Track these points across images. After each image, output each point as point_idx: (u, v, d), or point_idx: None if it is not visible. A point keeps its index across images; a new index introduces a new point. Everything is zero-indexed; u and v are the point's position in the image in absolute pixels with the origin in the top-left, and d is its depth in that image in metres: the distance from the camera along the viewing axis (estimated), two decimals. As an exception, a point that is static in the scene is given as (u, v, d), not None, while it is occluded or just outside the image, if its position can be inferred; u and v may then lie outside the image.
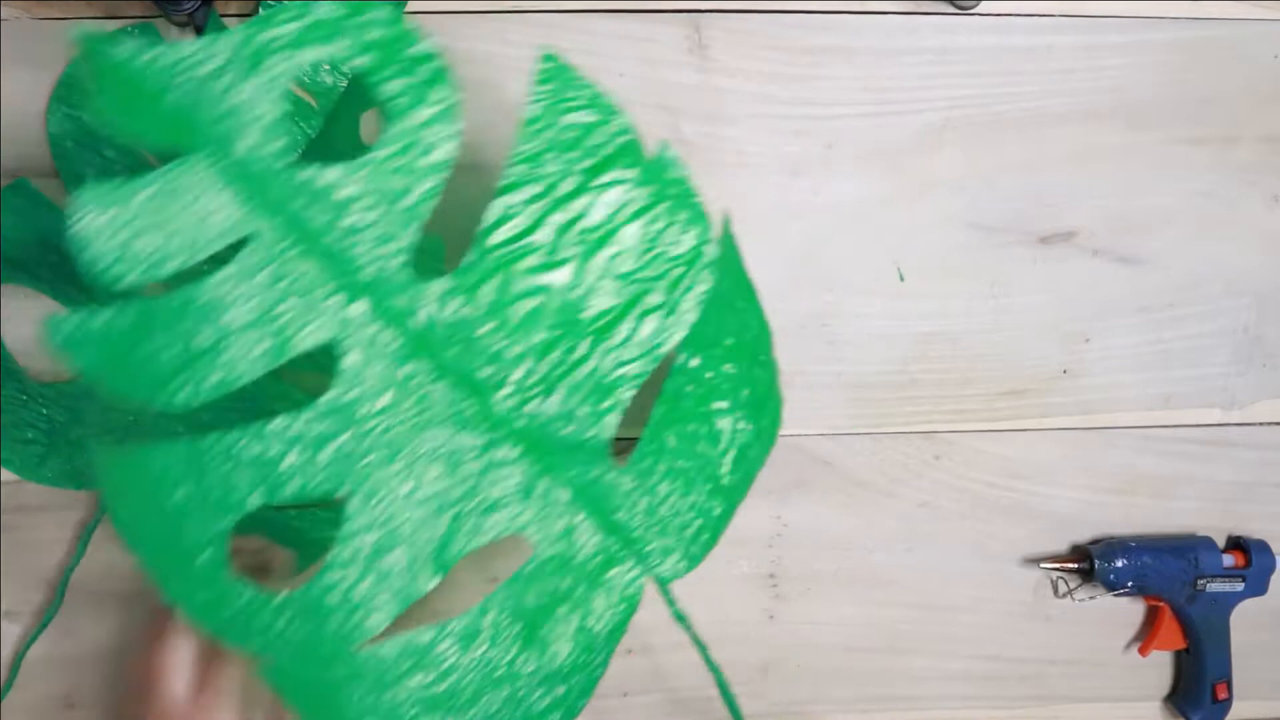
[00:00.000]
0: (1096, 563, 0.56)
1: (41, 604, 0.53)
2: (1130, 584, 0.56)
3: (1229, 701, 0.57)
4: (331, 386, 0.39)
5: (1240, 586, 0.57)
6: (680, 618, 0.45)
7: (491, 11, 0.52)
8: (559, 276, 0.41)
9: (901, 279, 0.55)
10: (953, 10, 0.54)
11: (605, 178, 0.41)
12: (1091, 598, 0.57)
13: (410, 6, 0.51)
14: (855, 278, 0.55)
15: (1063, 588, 0.58)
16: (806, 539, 0.56)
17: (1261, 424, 0.58)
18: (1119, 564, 0.56)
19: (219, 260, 0.38)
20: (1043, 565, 0.57)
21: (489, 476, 0.41)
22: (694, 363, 0.44)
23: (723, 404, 0.44)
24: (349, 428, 0.39)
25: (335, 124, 0.51)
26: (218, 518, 0.38)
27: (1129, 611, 0.59)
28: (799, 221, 0.54)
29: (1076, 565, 0.57)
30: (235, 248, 0.38)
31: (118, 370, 0.37)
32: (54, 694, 0.54)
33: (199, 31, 0.51)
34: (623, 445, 0.43)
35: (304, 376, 0.44)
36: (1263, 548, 0.57)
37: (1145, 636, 0.58)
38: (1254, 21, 0.56)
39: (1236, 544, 0.58)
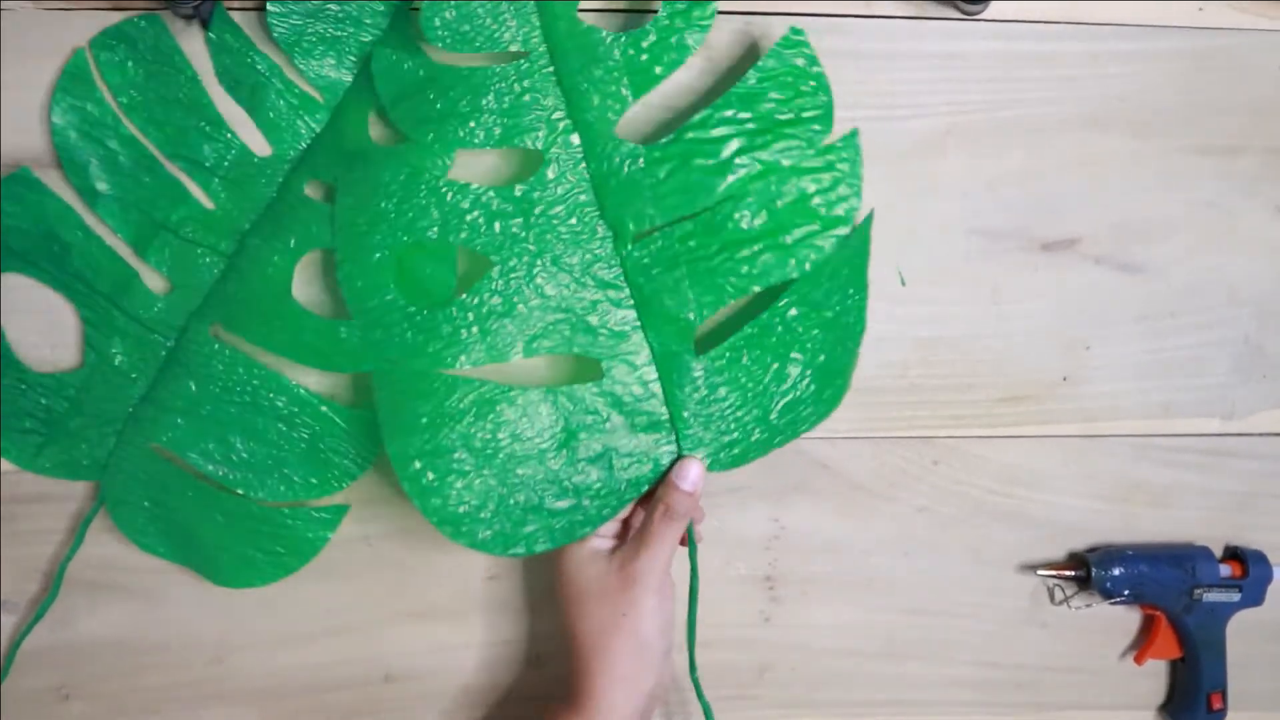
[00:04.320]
0: (1094, 570, 0.56)
1: (37, 594, 0.53)
2: (1127, 592, 0.56)
3: (1224, 712, 0.57)
4: (525, 183, 0.49)
5: (1237, 597, 0.57)
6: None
7: (497, 9, 0.52)
8: (724, 184, 0.50)
9: (903, 283, 0.55)
10: (958, 16, 0.54)
11: (794, 130, 0.50)
12: (1088, 605, 0.57)
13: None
14: (857, 281, 0.55)
15: (1059, 595, 0.58)
16: (804, 542, 0.56)
17: (1261, 434, 0.58)
18: (1116, 572, 0.56)
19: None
20: (1040, 572, 0.57)
21: (599, 307, 0.50)
22: (793, 312, 0.50)
23: (799, 355, 0.51)
24: (522, 215, 0.50)
25: (343, 118, 0.51)
26: (404, 236, 0.49)
27: (1125, 620, 0.59)
28: (801, 224, 0.54)
29: (1074, 573, 0.57)
30: (516, 57, 0.50)
31: (407, 107, 0.50)
32: (49, 684, 0.54)
33: (204, 25, 0.51)
34: (705, 345, 0.51)
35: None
36: (1260, 558, 0.57)
37: (1141, 645, 0.58)
38: (1259, 32, 0.56)
39: (1234, 554, 0.58)
